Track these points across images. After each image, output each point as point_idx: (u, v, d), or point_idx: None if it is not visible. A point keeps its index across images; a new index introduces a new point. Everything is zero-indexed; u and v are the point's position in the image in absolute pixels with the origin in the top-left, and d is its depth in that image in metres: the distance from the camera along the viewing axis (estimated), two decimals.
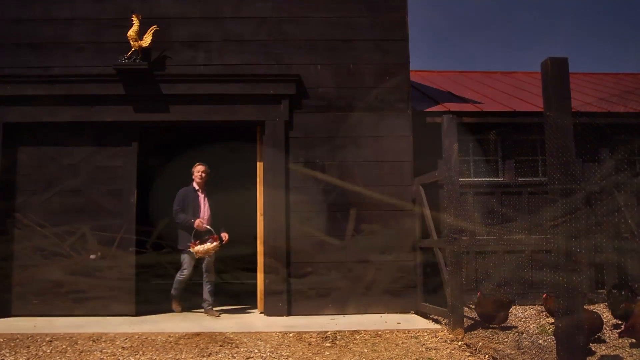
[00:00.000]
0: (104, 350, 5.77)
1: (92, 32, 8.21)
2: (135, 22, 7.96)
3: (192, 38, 8.27)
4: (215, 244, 7.71)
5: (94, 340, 6.19)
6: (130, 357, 5.52)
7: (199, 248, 7.65)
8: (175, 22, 8.28)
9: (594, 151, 8.44)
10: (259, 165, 8.33)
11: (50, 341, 6.16)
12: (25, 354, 5.63)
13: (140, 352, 5.70)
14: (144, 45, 8.00)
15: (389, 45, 8.40)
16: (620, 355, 5.54)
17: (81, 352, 5.73)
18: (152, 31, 8.06)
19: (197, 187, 8.08)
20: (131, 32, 7.94)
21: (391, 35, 8.41)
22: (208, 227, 7.87)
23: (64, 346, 5.94)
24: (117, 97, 8.06)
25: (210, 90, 8.11)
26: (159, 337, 6.35)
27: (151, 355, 5.60)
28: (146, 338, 6.31)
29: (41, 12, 8.23)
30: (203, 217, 7.95)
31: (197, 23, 8.30)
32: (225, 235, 7.94)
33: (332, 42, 8.37)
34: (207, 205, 8.10)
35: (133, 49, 7.98)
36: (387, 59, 8.37)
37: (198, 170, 8.10)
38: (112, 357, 5.52)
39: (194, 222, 7.83)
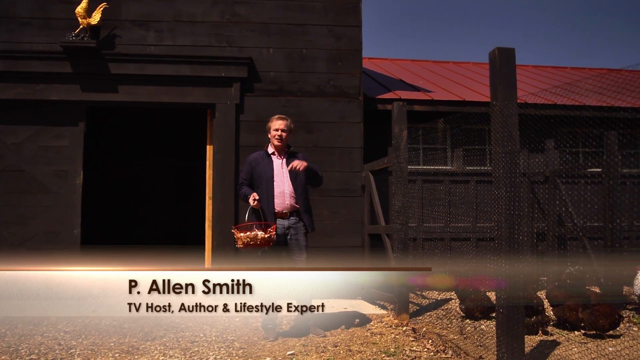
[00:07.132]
0: (45, 334, 5.65)
1: (38, 7, 7.97)
2: None
3: (143, 17, 8.10)
4: (267, 235, 5.32)
5: (34, 324, 6.05)
6: (72, 341, 5.42)
7: (243, 235, 5.29)
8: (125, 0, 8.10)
9: (539, 141, 8.64)
10: (209, 149, 8.24)
11: None
12: None
13: (83, 336, 5.60)
14: (92, 22, 7.82)
15: (342, 30, 8.40)
16: (557, 340, 5.70)
17: (21, 335, 5.60)
18: (102, 8, 7.87)
19: (272, 151, 5.77)
20: (79, 9, 7.74)
21: (345, 21, 8.41)
22: (285, 208, 5.65)
23: (2, 330, 5.79)
24: (63, 75, 7.86)
25: (160, 71, 7.98)
26: (103, 320, 6.25)
27: (94, 339, 5.51)
28: (90, 322, 6.20)
29: None
30: (283, 192, 5.65)
31: (148, 2, 8.13)
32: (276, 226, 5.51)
33: (285, 25, 8.32)
34: (287, 175, 5.70)
35: (81, 26, 7.78)
36: (340, 45, 8.37)
37: (274, 127, 5.73)
38: (54, 341, 5.41)
39: (249, 197, 5.52)
